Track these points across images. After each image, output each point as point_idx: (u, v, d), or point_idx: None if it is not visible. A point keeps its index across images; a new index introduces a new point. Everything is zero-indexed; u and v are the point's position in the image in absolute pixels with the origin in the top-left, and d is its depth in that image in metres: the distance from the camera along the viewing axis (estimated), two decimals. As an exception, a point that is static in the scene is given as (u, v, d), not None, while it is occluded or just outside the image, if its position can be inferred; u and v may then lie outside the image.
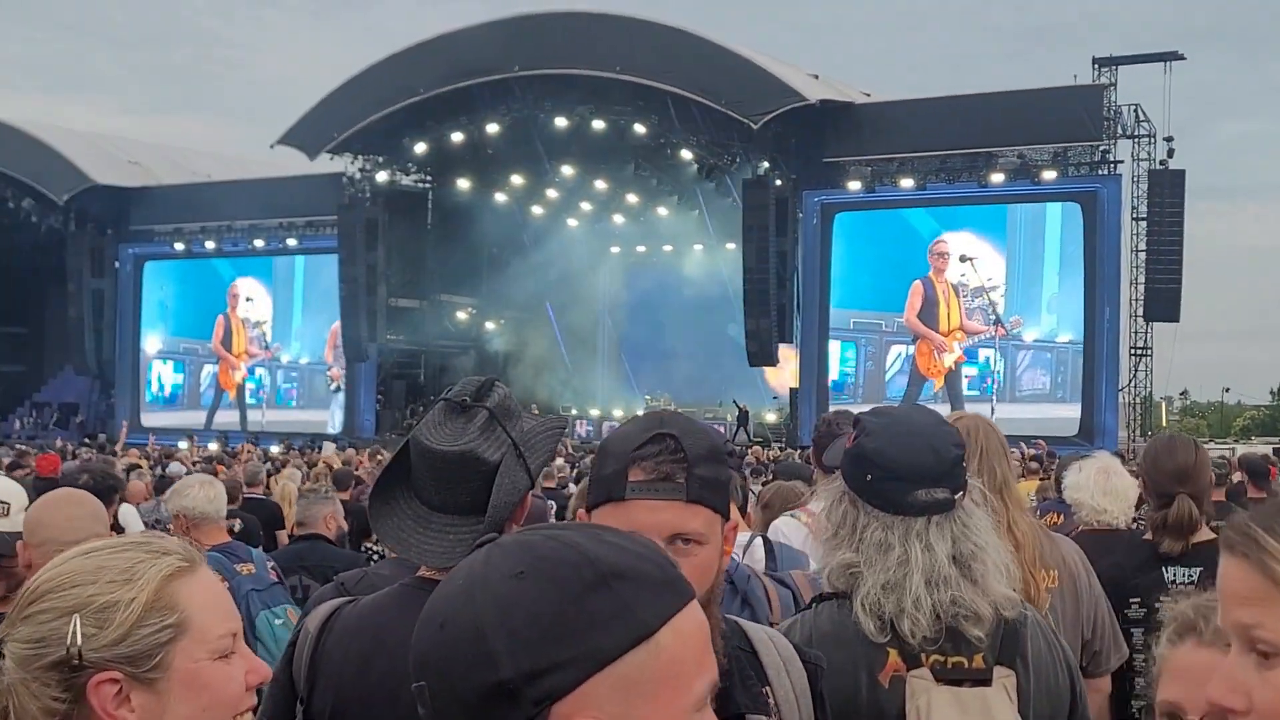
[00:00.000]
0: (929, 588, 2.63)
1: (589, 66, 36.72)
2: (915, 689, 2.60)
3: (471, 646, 1.24)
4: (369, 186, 42.64)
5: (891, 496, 2.70)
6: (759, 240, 35.93)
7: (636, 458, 2.22)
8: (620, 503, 2.21)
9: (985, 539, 2.73)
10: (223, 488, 6.44)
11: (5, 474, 14.01)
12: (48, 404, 52.62)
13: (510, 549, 1.31)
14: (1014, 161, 35.16)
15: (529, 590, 1.25)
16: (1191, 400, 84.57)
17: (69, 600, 1.70)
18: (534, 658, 1.23)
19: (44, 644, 1.68)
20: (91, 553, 1.77)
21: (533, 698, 1.23)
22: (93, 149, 49.13)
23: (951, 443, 2.78)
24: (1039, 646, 2.74)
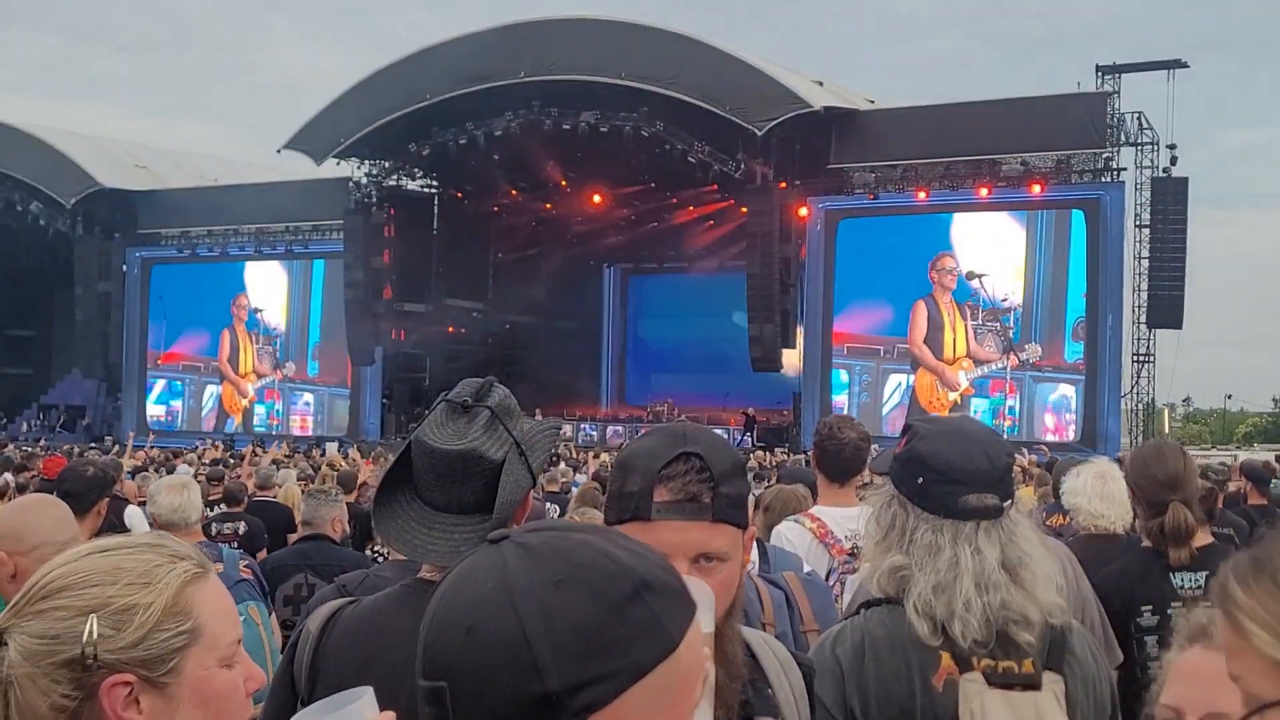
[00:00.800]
0: (979, 590, 2.64)
1: (594, 72, 36.74)
2: (969, 692, 2.62)
3: (513, 655, 1.23)
4: (375, 191, 42.68)
5: (943, 500, 2.72)
6: (763, 246, 35.97)
7: (663, 477, 2.20)
8: (646, 522, 2.19)
9: (1032, 548, 2.74)
10: (195, 492, 6.33)
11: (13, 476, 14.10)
12: (54, 406, 52.64)
13: (542, 553, 1.29)
14: (1018, 169, 35.15)
15: (571, 600, 1.24)
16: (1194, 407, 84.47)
17: (86, 599, 1.70)
18: (580, 670, 1.22)
19: (58, 641, 1.67)
20: (107, 551, 1.76)
21: (574, 709, 1.22)
22: (100, 152, 49.21)
23: (1004, 450, 2.80)
24: (1085, 654, 2.76)
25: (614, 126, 37.28)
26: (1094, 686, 2.75)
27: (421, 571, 2.70)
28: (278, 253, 46.18)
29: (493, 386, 2.76)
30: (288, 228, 45.85)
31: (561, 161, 41.38)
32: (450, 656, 1.27)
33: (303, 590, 7.15)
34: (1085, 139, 34.08)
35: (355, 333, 42.04)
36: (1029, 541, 2.74)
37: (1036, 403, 35.42)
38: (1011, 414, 34.85)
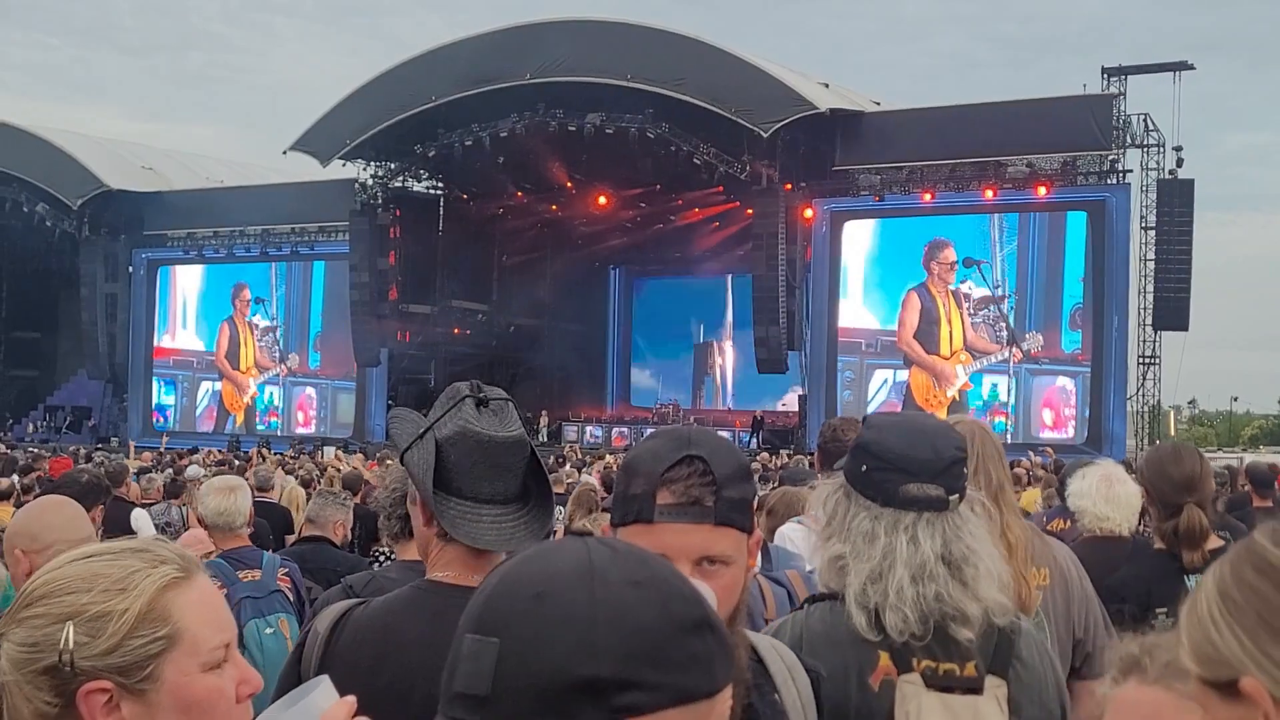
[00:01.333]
0: (913, 581, 2.60)
1: (600, 74, 36.75)
2: (905, 694, 2.57)
3: (575, 631, 1.22)
4: (381, 193, 42.70)
5: (884, 487, 2.68)
6: (768, 248, 36.00)
7: (665, 480, 2.20)
8: (649, 525, 2.19)
9: (980, 545, 2.68)
10: (244, 495, 6.38)
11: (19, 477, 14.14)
12: (61, 408, 52.71)
13: (626, 554, 1.30)
14: (1023, 170, 35.13)
15: (644, 603, 1.25)
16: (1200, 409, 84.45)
17: (63, 607, 1.70)
18: (632, 669, 1.22)
19: (38, 649, 1.68)
20: (89, 558, 1.77)
21: (614, 705, 1.21)
22: (106, 154, 49.27)
23: (953, 444, 2.75)
24: (1031, 657, 2.71)
25: (619, 128, 37.28)
26: (1040, 692, 2.70)
27: (433, 574, 2.69)
28: (283, 254, 46.22)
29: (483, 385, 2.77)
30: (293, 229, 45.90)
31: (567, 163, 41.40)
32: (511, 616, 1.26)
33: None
34: (1091, 141, 34.06)
35: (361, 334, 42.09)
36: (977, 539, 2.69)
37: (1034, 397, 35.36)
38: (1008, 410, 34.83)
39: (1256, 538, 1.39)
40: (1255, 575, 1.35)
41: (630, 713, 1.22)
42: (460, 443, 2.65)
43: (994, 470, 3.81)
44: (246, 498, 6.30)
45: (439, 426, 2.68)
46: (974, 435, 3.80)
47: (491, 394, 2.73)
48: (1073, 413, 34.89)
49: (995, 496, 3.76)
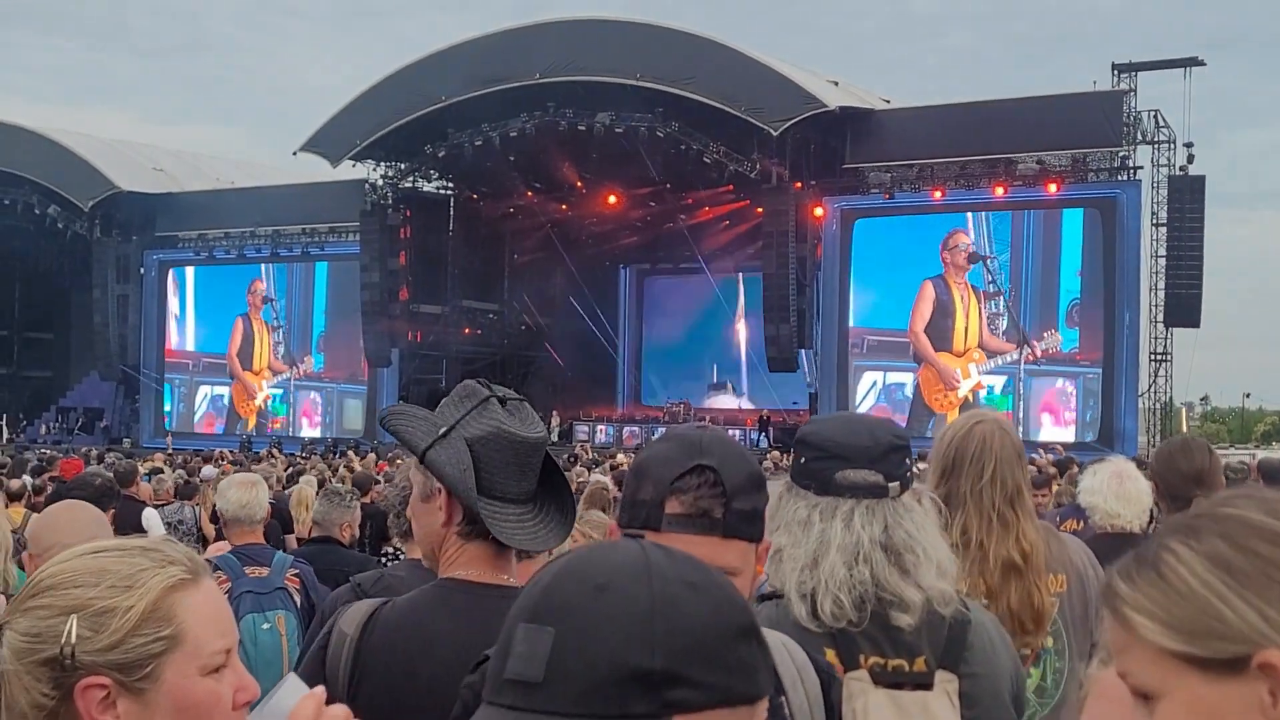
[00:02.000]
0: (846, 566, 2.56)
1: (609, 74, 36.76)
2: (852, 691, 2.52)
3: (634, 623, 1.24)
4: (391, 193, 42.75)
5: (820, 476, 2.65)
6: (779, 246, 35.97)
7: (675, 489, 2.19)
8: (655, 534, 2.15)
9: (922, 533, 2.63)
10: (262, 491, 6.41)
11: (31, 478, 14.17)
12: (73, 409, 52.86)
13: (681, 558, 1.33)
14: (1033, 167, 35.08)
15: (700, 604, 1.27)
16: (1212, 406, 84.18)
17: (69, 599, 1.70)
18: (686, 665, 1.24)
19: (40, 639, 1.69)
20: (98, 553, 1.77)
21: (666, 699, 1.23)
22: (118, 156, 49.37)
23: (892, 433, 2.70)
24: (985, 648, 2.67)
25: (629, 127, 37.30)
26: (993, 683, 2.66)
27: (453, 572, 2.68)
28: (294, 254, 46.28)
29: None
30: (304, 230, 45.98)
31: (577, 163, 41.43)
32: (570, 605, 1.27)
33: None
34: (1101, 137, 33.98)
35: (371, 334, 42.14)
36: (920, 527, 2.64)
37: (1033, 399, 35.29)
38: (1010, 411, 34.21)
39: (1246, 511, 1.37)
40: (1264, 543, 1.33)
41: (680, 708, 1.24)
42: (493, 443, 2.65)
43: (1010, 476, 3.72)
44: (265, 494, 6.34)
45: (465, 426, 2.67)
46: (992, 437, 3.74)
47: (508, 393, 2.74)
48: (1074, 416, 34.81)
49: (1012, 501, 3.70)
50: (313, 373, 46.54)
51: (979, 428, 3.76)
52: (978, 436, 3.72)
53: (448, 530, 2.68)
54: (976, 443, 3.71)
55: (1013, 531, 3.68)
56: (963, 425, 3.75)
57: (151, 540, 1.85)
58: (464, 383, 2.78)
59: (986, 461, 3.68)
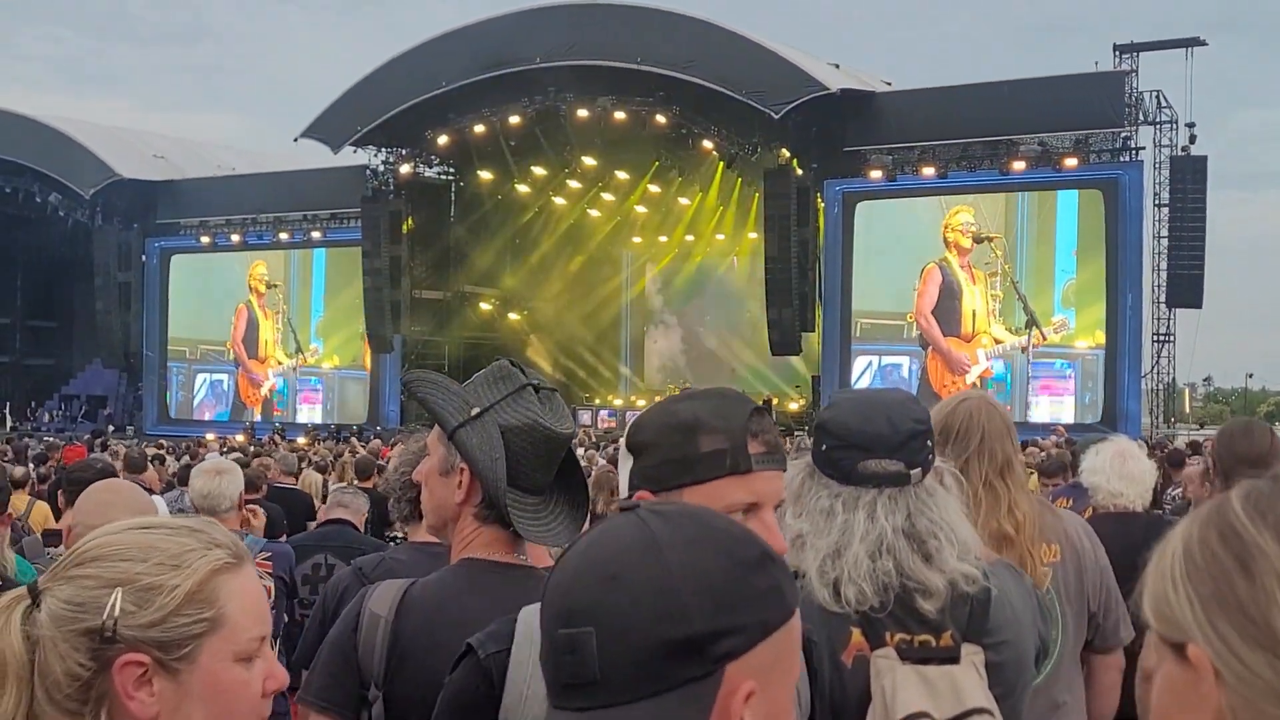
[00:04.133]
0: (870, 557, 2.58)
1: (610, 58, 36.70)
2: (880, 669, 2.55)
3: (660, 601, 1.32)
4: (392, 179, 42.69)
5: (842, 465, 2.67)
6: (780, 230, 35.91)
7: (753, 430, 2.30)
8: (745, 475, 2.27)
9: (946, 518, 2.66)
10: (234, 477, 6.35)
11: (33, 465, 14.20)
12: (76, 397, 52.92)
13: (677, 518, 1.41)
14: (1035, 149, 34.99)
15: (709, 556, 1.35)
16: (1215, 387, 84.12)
17: (115, 572, 1.71)
18: (722, 617, 1.32)
19: (82, 609, 1.68)
20: (146, 529, 1.78)
21: (715, 655, 1.32)
22: (118, 143, 49.30)
23: (912, 418, 2.72)
24: (1008, 619, 2.69)
25: (630, 111, 37.26)
26: (1017, 650, 2.70)
27: (472, 553, 2.69)
28: (295, 241, 46.23)
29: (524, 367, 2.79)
30: (305, 216, 45.89)
31: (578, 147, 41.41)
32: (594, 603, 1.35)
33: (321, 570, 7.18)
34: (1103, 118, 33.91)
35: (373, 321, 42.14)
36: (943, 511, 2.67)
37: (1031, 381, 35.27)
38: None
39: (1230, 499, 1.38)
40: (1219, 541, 1.34)
41: (730, 657, 1.33)
42: (526, 435, 2.66)
43: (999, 448, 3.76)
44: (234, 482, 6.27)
45: (499, 412, 2.67)
46: (979, 411, 3.80)
47: (542, 381, 2.75)
48: (1073, 397, 34.81)
49: (1001, 473, 3.75)
50: (315, 359, 46.50)
51: (964, 404, 3.82)
52: (963, 412, 3.78)
53: (464, 509, 2.69)
54: (963, 418, 3.76)
55: (1003, 502, 3.72)
56: (949, 403, 3.82)
57: (199, 521, 1.86)
58: (499, 363, 2.78)
59: (973, 434, 3.74)
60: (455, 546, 2.72)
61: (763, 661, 1.35)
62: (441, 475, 2.71)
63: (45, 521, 8.53)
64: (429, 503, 2.78)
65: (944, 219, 36.02)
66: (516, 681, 2.26)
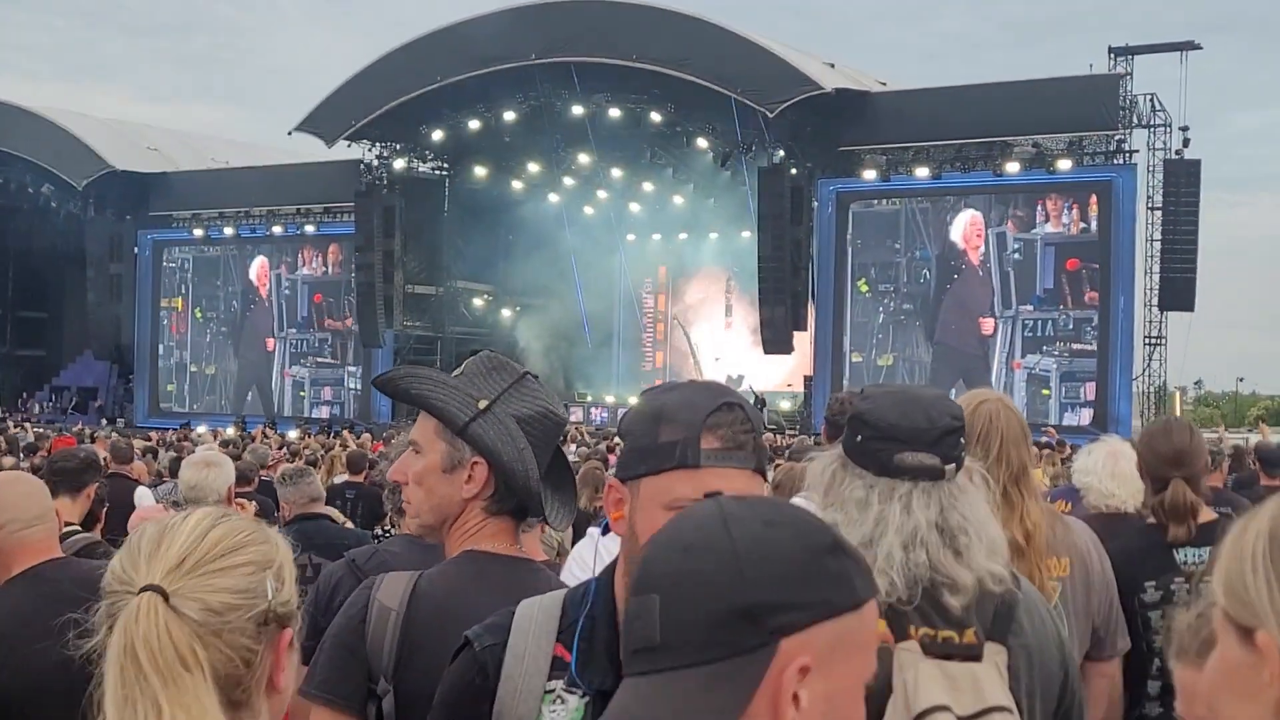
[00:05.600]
0: (903, 548, 2.58)
1: (606, 55, 36.70)
2: (903, 661, 2.54)
3: (724, 569, 1.38)
4: (386, 174, 42.70)
5: (878, 457, 2.67)
6: (774, 228, 35.92)
7: (710, 425, 2.22)
8: (694, 470, 2.20)
9: (975, 514, 2.67)
10: (224, 469, 6.31)
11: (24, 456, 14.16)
12: (67, 388, 52.85)
13: (755, 502, 1.50)
14: (1029, 150, 35.03)
15: (780, 535, 1.41)
16: (1206, 390, 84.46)
17: (260, 555, 1.78)
18: (782, 591, 1.38)
19: (252, 594, 1.74)
20: (226, 516, 1.83)
21: (771, 626, 1.37)
22: (111, 135, 49.26)
23: (949, 414, 2.72)
24: (1033, 624, 2.69)
25: (625, 109, 37.27)
26: (1039, 655, 2.69)
27: (479, 545, 2.69)
28: (288, 235, 46.21)
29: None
30: (299, 210, 45.87)
31: (573, 144, 41.39)
32: (664, 570, 1.43)
33: (307, 571, 7.13)
34: (1097, 121, 33.93)
35: (366, 315, 42.12)
36: (972, 508, 2.67)
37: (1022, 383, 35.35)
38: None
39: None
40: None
41: (785, 631, 1.38)
42: (540, 424, 2.69)
43: (1015, 453, 3.73)
44: (223, 475, 6.22)
45: (507, 403, 2.67)
46: (997, 415, 3.75)
47: (528, 370, 2.77)
48: (1065, 399, 34.93)
49: (1016, 480, 3.71)
50: (307, 353, 46.50)
51: (984, 406, 3.74)
52: (983, 414, 3.71)
53: (472, 503, 2.68)
54: (983, 421, 3.69)
55: (1017, 511, 3.68)
56: (968, 403, 3.69)
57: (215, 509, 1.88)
58: (487, 353, 2.77)
59: (993, 440, 3.68)
60: (455, 539, 2.71)
61: (824, 642, 1.39)
62: (445, 472, 2.68)
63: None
64: (427, 501, 2.73)
65: (937, 221, 36.15)
66: (511, 675, 2.26)
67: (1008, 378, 35.15)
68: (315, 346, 46.49)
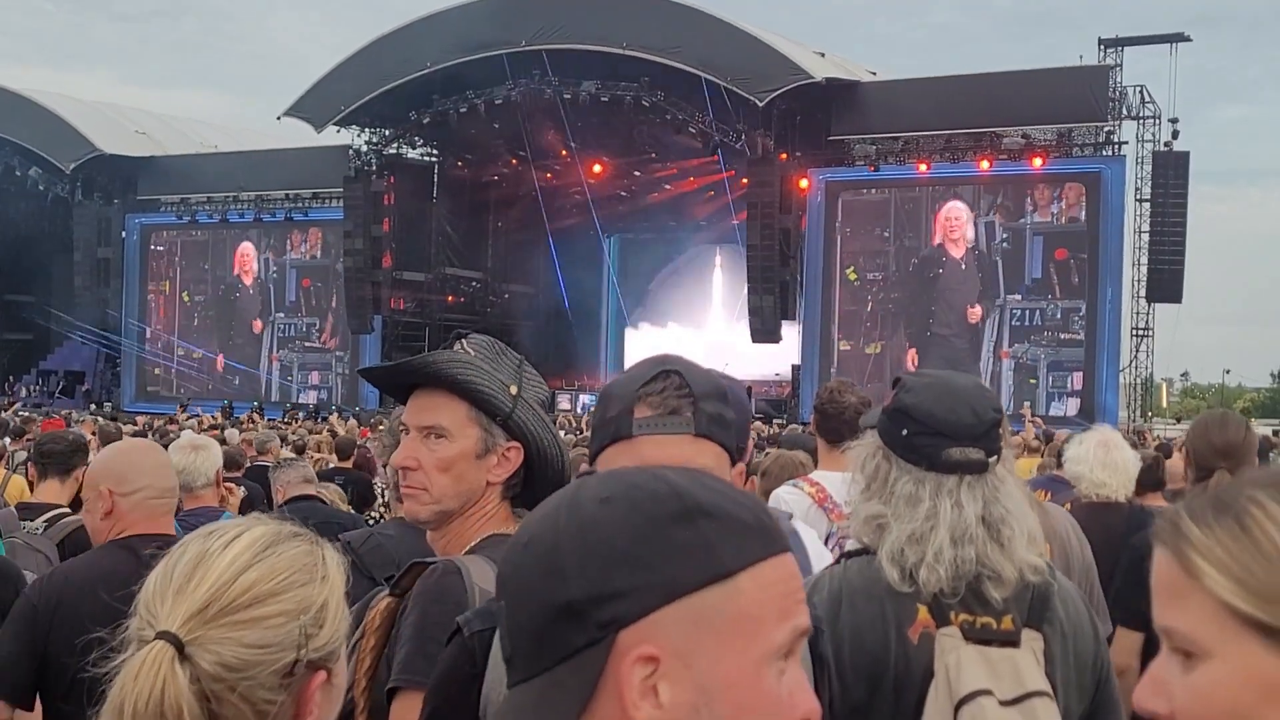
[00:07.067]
0: (954, 544, 2.62)
1: (597, 42, 36.67)
2: (945, 646, 2.60)
3: (546, 563, 1.23)
4: (375, 159, 42.62)
5: (926, 452, 2.70)
6: (763, 217, 35.92)
7: (642, 394, 2.19)
8: (628, 440, 2.16)
9: (1016, 505, 2.70)
10: (211, 453, 6.23)
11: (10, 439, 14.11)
12: (54, 372, 52.68)
13: (604, 477, 1.31)
14: (1019, 141, 35.08)
15: (612, 514, 1.23)
16: (1192, 382, 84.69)
17: (295, 602, 1.65)
18: (603, 580, 1.21)
19: (279, 649, 1.62)
20: (276, 545, 1.70)
21: (598, 620, 1.21)
22: (100, 118, 49.10)
23: (991, 406, 2.77)
24: (1068, 612, 2.74)
25: (615, 96, 37.22)
26: (1074, 643, 2.73)
27: (500, 528, 2.68)
28: (277, 220, 46.12)
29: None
30: (287, 195, 45.79)
31: (562, 131, 41.27)
32: (505, 572, 1.30)
33: None
34: (1087, 112, 34.00)
35: (354, 301, 42.06)
36: (1012, 499, 2.71)
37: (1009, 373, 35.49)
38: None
39: None
40: None
41: (619, 623, 1.21)
42: (544, 407, 2.71)
43: None
44: (210, 459, 6.14)
45: (526, 388, 2.68)
46: None
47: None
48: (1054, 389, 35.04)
49: None
50: (294, 338, 46.44)
51: None
52: None
53: (492, 487, 2.66)
54: None
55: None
56: None
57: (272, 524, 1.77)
58: (485, 337, 2.75)
59: None
60: (472, 523, 2.67)
61: (676, 626, 1.21)
62: (478, 458, 2.65)
63: (20, 495, 8.46)
64: (454, 487, 2.65)
65: (926, 211, 36.17)
66: (498, 662, 2.25)
67: (995, 366, 35.25)
68: (303, 330, 46.41)
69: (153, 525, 3.99)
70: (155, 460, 4.14)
